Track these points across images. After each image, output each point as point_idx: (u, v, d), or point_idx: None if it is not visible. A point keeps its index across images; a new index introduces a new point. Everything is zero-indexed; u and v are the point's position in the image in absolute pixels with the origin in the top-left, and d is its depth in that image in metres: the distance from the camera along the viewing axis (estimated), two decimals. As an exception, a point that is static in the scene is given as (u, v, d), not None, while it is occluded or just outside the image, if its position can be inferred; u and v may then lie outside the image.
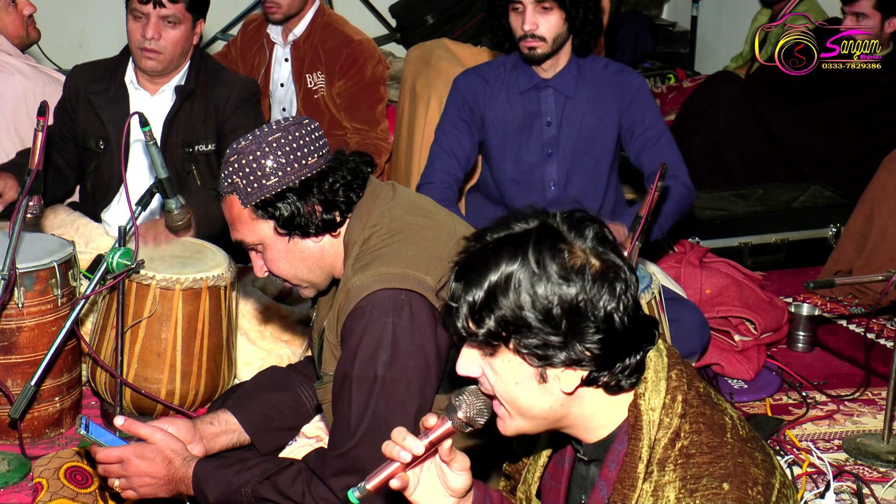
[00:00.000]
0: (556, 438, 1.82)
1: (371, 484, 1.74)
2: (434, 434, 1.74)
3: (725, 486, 1.57)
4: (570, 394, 1.64)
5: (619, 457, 1.67)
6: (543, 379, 1.63)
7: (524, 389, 1.64)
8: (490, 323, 1.60)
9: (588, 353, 1.59)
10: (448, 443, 1.74)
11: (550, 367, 1.61)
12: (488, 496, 1.85)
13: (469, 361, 1.69)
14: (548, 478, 1.87)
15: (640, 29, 6.74)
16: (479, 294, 1.60)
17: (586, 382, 1.64)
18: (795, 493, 1.71)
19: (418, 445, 1.72)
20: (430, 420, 1.75)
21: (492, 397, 1.70)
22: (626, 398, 1.67)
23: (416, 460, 1.74)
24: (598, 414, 1.68)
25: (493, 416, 1.74)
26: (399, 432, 1.74)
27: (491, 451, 2.08)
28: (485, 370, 1.67)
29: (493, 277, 1.59)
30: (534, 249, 1.59)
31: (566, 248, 1.60)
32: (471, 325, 1.62)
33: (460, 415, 1.73)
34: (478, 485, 1.83)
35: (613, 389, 1.65)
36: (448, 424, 1.74)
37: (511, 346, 1.61)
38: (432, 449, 1.74)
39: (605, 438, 1.70)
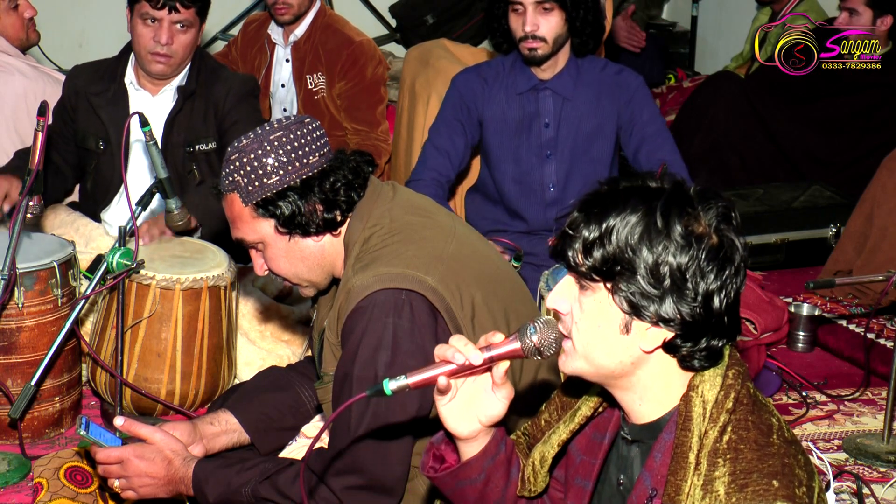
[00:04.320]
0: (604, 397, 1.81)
1: (413, 380, 1.70)
2: (496, 351, 1.71)
3: (775, 483, 1.57)
4: (648, 353, 1.64)
5: (665, 447, 1.66)
6: (627, 330, 1.63)
7: (603, 334, 1.64)
8: (597, 257, 1.61)
9: (679, 316, 1.60)
10: (505, 366, 1.72)
11: (638, 318, 1.61)
12: (504, 440, 1.84)
13: (562, 296, 1.68)
14: (578, 452, 1.85)
15: (649, 53, 6.62)
16: (595, 232, 1.61)
17: (666, 348, 1.64)
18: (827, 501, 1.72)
19: (477, 356, 1.69)
20: (497, 336, 1.72)
21: (566, 337, 1.69)
22: (681, 388, 1.67)
23: (466, 371, 1.71)
24: (656, 388, 1.67)
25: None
26: (459, 338, 1.72)
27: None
28: (573, 307, 1.67)
29: (615, 220, 1.61)
30: (663, 204, 1.61)
31: (693, 214, 1.61)
32: (580, 257, 1.63)
33: (535, 339, 1.69)
34: (500, 426, 1.82)
35: (686, 365, 1.65)
36: (515, 345, 1.70)
37: (609, 286, 1.62)
38: (486, 367, 1.71)
39: (654, 423, 1.69)
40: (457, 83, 3.76)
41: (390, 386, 1.69)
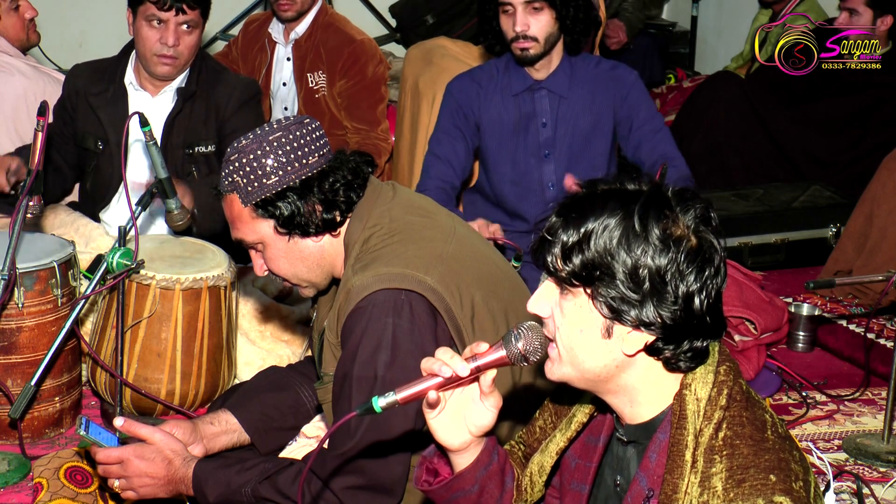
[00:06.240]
0: (597, 404, 1.80)
1: (402, 395, 1.69)
2: (483, 360, 1.70)
3: (772, 477, 1.57)
4: (630, 356, 1.63)
5: (661, 447, 1.66)
6: (609, 334, 1.62)
7: (586, 339, 1.63)
8: (576, 262, 1.60)
9: (660, 320, 1.59)
10: (492, 374, 1.71)
11: (619, 322, 1.61)
12: (496, 449, 1.84)
13: (542, 300, 1.68)
14: (573, 456, 1.85)
15: (649, 53, 6.63)
16: (574, 237, 1.61)
17: (648, 350, 1.63)
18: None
19: (464, 367, 1.69)
20: (481, 346, 1.71)
21: (550, 340, 1.68)
22: (674, 386, 1.67)
23: (453, 383, 1.70)
24: (646, 389, 1.67)
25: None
26: (445, 351, 1.71)
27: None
28: (554, 311, 1.66)
29: (593, 224, 1.60)
30: (641, 207, 1.60)
31: (671, 217, 1.61)
32: (559, 262, 1.63)
33: (520, 345, 1.68)
34: (490, 436, 1.82)
35: (671, 366, 1.65)
36: (501, 353, 1.70)
37: (589, 291, 1.61)
38: (473, 377, 1.71)
39: (648, 423, 1.69)
40: (451, 90, 3.77)
41: (380, 403, 1.69)
